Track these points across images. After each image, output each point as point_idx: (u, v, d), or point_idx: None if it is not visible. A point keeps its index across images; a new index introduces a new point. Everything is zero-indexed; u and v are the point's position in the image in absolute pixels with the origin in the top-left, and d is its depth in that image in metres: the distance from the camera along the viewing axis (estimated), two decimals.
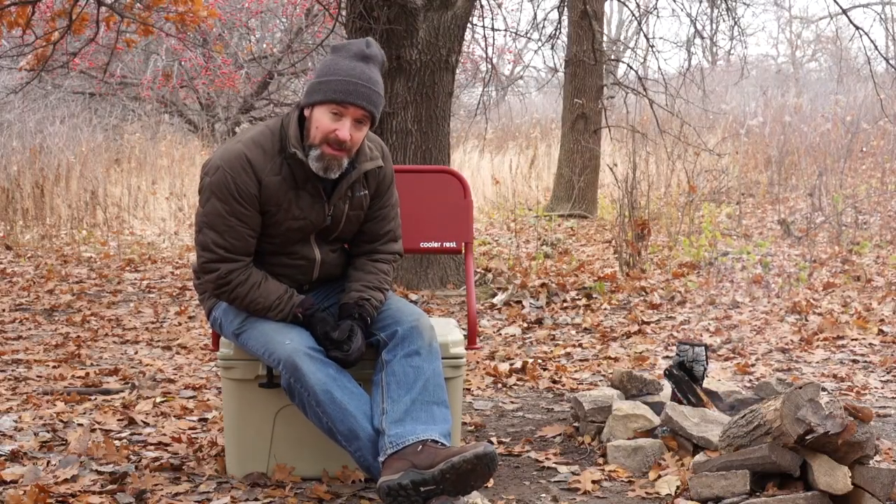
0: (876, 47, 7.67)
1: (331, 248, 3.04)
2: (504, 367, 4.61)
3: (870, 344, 5.01)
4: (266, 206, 2.87)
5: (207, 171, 2.87)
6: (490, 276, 6.85)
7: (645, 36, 10.50)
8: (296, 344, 2.81)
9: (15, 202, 10.28)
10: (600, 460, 3.19)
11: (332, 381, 2.78)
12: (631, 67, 10.28)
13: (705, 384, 3.39)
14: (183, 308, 6.15)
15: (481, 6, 8.71)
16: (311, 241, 2.98)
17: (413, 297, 6.18)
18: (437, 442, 2.70)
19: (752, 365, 4.60)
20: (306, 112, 2.88)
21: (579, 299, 6.23)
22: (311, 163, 2.84)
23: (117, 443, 3.29)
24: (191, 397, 4.06)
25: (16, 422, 3.57)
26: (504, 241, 9.11)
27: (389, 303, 3.01)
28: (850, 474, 2.69)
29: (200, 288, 3.09)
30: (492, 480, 2.97)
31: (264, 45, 16.70)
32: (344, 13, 6.53)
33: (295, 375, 2.77)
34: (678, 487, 2.87)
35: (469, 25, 7.34)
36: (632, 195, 7.07)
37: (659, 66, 9.47)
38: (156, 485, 2.89)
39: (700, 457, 2.86)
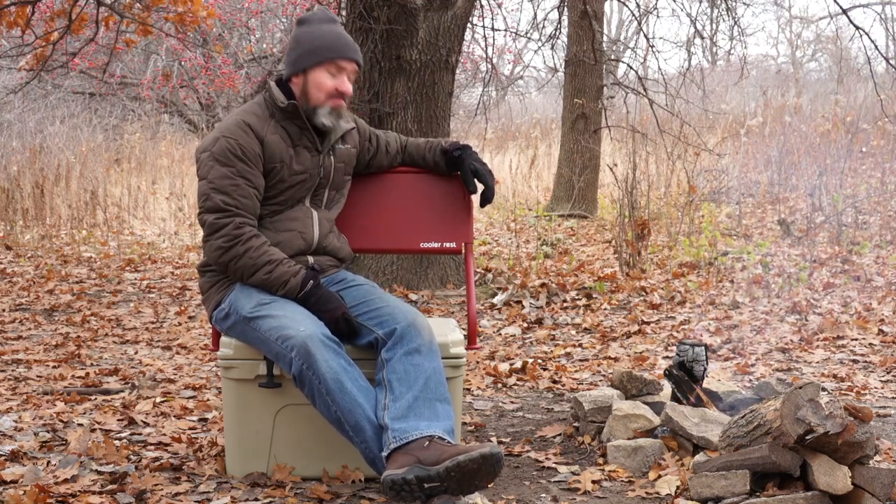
0: (876, 47, 7.65)
1: (325, 210, 3.19)
2: (504, 367, 4.60)
3: (870, 344, 5.01)
4: (270, 163, 3.05)
5: (205, 146, 3.03)
6: (490, 276, 6.85)
7: (645, 36, 10.48)
8: (311, 331, 2.83)
9: (15, 202, 10.29)
10: (600, 460, 3.19)
11: (344, 372, 2.80)
12: (631, 67, 10.26)
13: (705, 384, 3.39)
14: (183, 308, 6.15)
15: (481, 6, 8.71)
16: (306, 204, 3.14)
17: (413, 297, 6.18)
18: (442, 439, 2.71)
19: (752, 365, 4.60)
20: (294, 80, 3.09)
21: (579, 299, 6.23)
22: (321, 120, 3.07)
23: (117, 443, 3.29)
24: (191, 397, 4.06)
25: (16, 422, 3.57)
26: (504, 241, 9.11)
27: (384, 300, 3.03)
28: (850, 474, 2.69)
29: (205, 284, 3.10)
30: None
31: (264, 46, 16.70)
32: (344, 13, 6.52)
33: (308, 362, 2.79)
34: (678, 487, 2.87)
35: (469, 25, 7.34)
36: (632, 195, 7.07)
37: (659, 66, 9.45)
38: (156, 485, 2.90)
39: (700, 457, 2.86)
